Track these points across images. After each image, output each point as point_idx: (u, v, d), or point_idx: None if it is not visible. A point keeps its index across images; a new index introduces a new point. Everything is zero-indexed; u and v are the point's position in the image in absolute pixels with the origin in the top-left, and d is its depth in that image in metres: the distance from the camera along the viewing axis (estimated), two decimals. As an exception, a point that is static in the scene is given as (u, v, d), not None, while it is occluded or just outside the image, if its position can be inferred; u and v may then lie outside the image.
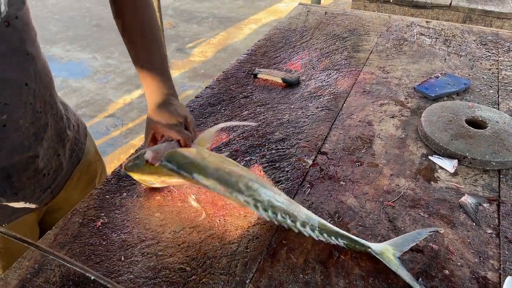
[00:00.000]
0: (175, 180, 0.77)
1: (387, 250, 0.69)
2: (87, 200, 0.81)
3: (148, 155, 0.77)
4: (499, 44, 1.46)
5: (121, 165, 0.90)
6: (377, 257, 0.68)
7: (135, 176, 0.80)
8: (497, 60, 1.35)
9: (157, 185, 0.82)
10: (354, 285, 0.66)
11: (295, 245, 0.72)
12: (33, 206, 0.85)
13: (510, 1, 2.18)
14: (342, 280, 0.67)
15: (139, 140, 2.96)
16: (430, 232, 0.73)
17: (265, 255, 0.71)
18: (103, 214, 0.78)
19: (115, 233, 0.74)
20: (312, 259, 0.70)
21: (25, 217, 0.87)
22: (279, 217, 0.70)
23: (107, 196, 0.82)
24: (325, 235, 0.70)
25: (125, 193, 0.83)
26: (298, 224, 0.70)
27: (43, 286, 0.65)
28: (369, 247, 0.69)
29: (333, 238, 0.70)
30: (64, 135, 0.89)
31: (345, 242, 0.70)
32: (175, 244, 0.73)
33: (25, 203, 0.83)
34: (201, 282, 0.66)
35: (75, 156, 0.95)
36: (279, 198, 0.72)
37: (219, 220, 0.77)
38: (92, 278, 0.61)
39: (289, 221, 0.70)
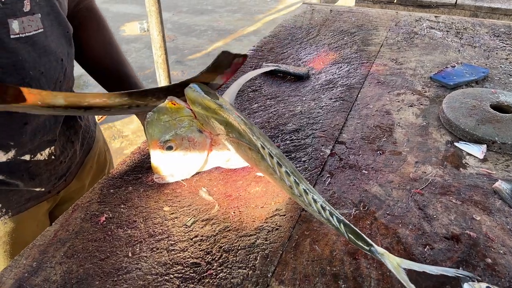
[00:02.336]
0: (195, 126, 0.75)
1: (392, 257, 0.57)
2: (89, 195, 0.75)
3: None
4: (513, 35, 1.42)
5: (124, 160, 0.84)
6: (378, 257, 0.57)
7: (153, 126, 0.75)
8: (513, 50, 1.30)
9: (169, 179, 0.76)
10: (387, 276, 0.59)
11: (319, 236, 0.66)
12: (47, 191, 0.84)
13: (516, -1, 2.15)
14: (374, 271, 0.60)
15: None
16: (460, 274, 0.56)
17: (287, 247, 0.64)
18: (107, 209, 0.72)
19: (121, 228, 0.68)
20: (338, 250, 0.63)
21: (39, 206, 0.85)
22: (283, 168, 0.64)
23: (111, 191, 0.76)
24: (327, 212, 0.60)
25: (130, 187, 0.77)
26: (302, 187, 0.63)
27: (42, 285, 0.58)
28: (372, 245, 0.58)
29: (334, 219, 0.60)
30: (75, 123, 0.87)
31: (347, 230, 0.59)
32: (187, 238, 0.66)
33: (41, 189, 0.81)
34: (217, 277, 0.59)
35: (86, 144, 0.93)
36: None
37: (234, 212, 0.71)
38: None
39: (292, 178, 0.63)
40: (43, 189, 0.83)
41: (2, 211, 0.79)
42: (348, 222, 0.60)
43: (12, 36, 0.66)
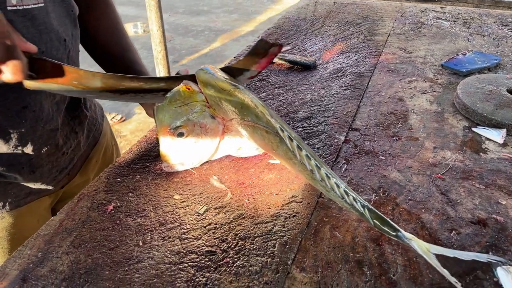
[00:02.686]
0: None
1: (421, 242, 0.54)
2: (95, 183, 0.71)
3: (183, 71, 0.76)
4: (521, 24, 1.39)
5: (131, 149, 0.81)
6: (406, 242, 0.54)
7: (164, 111, 0.71)
8: (523, 39, 1.28)
9: (179, 167, 0.73)
10: (414, 262, 0.56)
11: (339, 222, 0.63)
12: (49, 187, 0.80)
13: (519, -9, 2.12)
14: (400, 257, 0.57)
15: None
16: (492, 259, 0.54)
17: (306, 233, 0.61)
18: (114, 198, 0.68)
19: (130, 217, 0.64)
20: (361, 237, 0.60)
21: (40, 200, 0.81)
22: (303, 152, 0.61)
23: (118, 179, 0.72)
24: (350, 197, 0.58)
25: (138, 176, 0.73)
26: (323, 171, 0.60)
27: (48, 276, 0.55)
28: (399, 230, 0.55)
29: (358, 204, 0.57)
30: (81, 112, 0.83)
31: (372, 215, 0.56)
32: (201, 226, 0.63)
33: (41, 184, 0.76)
34: (235, 265, 0.56)
35: (92, 137, 0.89)
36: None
37: (248, 200, 0.67)
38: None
39: (313, 162, 0.60)
40: (44, 183, 0.79)
41: None
42: (372, 208, 0.57)
43: (8, 8, 0.62)
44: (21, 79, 0.56)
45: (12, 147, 0.71)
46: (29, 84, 0.64)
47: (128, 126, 3.25)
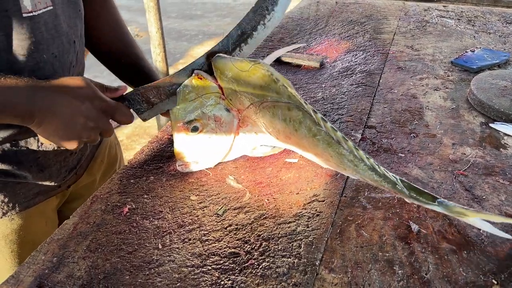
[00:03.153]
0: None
1: (467, 210, 0.53)
2: (108, 185, 0.69)
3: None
4: (525, 22, 1.39)
5: (142, 149, 0.78)
6: (448, 212, 0.54)
7: (178, 104, 0.70)
8: (528, 36, 1.27)
9: (193, 166, 0.71)
10: (446, 260, 0.54)
11: (364, 221, 0.61)
12: (57, 187, 0.79)
13: (517, -9, 2.13)
14: (430, 255, 0.55)
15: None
16: None
17: (331, 233, 0.59)
18: (129, 200, 0.66)
19: (146, 220, 0.62)
20: (388, 235, 0.58)
21: (48, 201, 0.79)
22: (328, 124, 0.60)
23: (131, 181, 0.70)
24: (382, 168, 0.57)
25: (152, 177, 0.71)
26: (350, 143, 0.59)
27: (66, 281, 0.52)
28: (438, 198, 0.54)
29: (390, 174, 0.56)
30: None
31: (405, 185, 0.56)
32: (221, 228, 0.60)
33: (50, 183, 0.76)
34: (260, 266, 0.54)
35: None
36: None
37: (268, 199, 0.65)
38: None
39: (339, 134, 0.60)
40: (52, 183, 0.77)
41: (8, 206, 0.72)
42: (404, 179, 0.55)
43: (24, 15, 0.60)
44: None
45: (11, 134, 0.69)
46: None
47: (124, 131, 3.21)
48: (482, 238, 0.57)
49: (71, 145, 0.63)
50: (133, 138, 3.15)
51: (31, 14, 0.61)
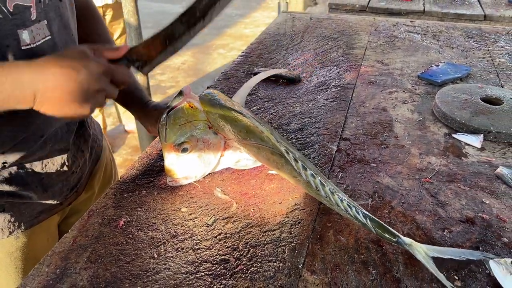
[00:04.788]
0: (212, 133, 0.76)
1: (419, 246, 0.60)
2: (103, 200, 0.73)
3: (186, 89, 0.77)
4: (485, 37, 1.50)
5: (133, 165, 0.83)
6: (406, 247, 0.60)
7: (168, 128, 0.75)
8: (488, 50, 1.38)
9: (183, 181, 0.76)
10: (414, 260, 0.61)
11: (341, 227, 0.67)
12: (60, 205, 0.83)
13: (478, 4, 2.27)
14: (400, 256, 0.62)
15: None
16: (486, 257, 0.59)
17: (312, 238, 0.65)
18: (124, 213, 0.70)
19: (141, 231, 0.67)
20: (363, 239, 0.65)
21: (51, 219, 0.83)
22: (308, 171, 0.65)
23: (125, 195, 0.74)
24: (353, 209, 0.63)
25: (144, 191, 0.75)
26: (328, 188, 0.64)
27: (70, 291, 0.56)
28: (399, 236, 0.60)
29: (361, 215, 0.62)
30: (85, 131, 0.85)
31: (373, 224, 0.61)
32: (211, 237, 0.66)
33: (53, 201, 0.80)
34: (249, 271, 0.59)
35: (95, 154, 0.90)
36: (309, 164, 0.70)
37: (253, 209, 0.71)
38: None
39: (318, 180, 0.65)
40: (55, 201, 0.81)
41: (15, 225, 0.75)
42: (373, 217, 0.62)
43: (23, 48, 0.64)
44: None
45: (15, 161, 0.72)
46: None
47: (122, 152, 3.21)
48: (445, 240, 0.65)
49: (80, 112, 0.63)
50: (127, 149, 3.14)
51: (29, 46, 0.65)
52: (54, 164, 0.78)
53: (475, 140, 0.86)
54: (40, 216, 0.79)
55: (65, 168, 0.80)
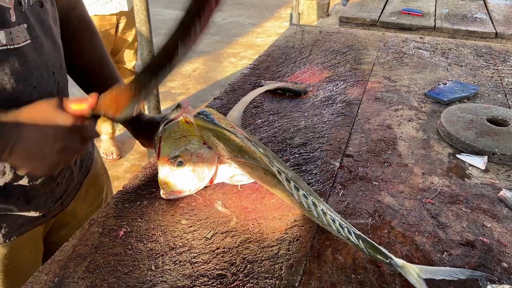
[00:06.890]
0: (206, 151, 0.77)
1: (412, 268, 0.60)
2: (104, 209, 0.74)
3: (184, 103, 0.78)
4: (494, 55, 1.49)
5: (136, 175, 0.84)
6: (398, 269, 0.59)
7: (164, 142, 0.75)
8: (497, 69, 1.37)
9: (176, 194, 0.76)
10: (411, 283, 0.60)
11: (340, 246, 0.67)
12: (43, 217, 0.80)
13: (490, 22, 2.26)
14: (398, 278, 0.61)
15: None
16: (475, 275, 0.60)
17: (310, 256, 0.65)
18: (124, 223, 0.71)
19: (140, 242, 0.67)
20: (361, 259, 0.64)
21: (33, 231, 0.80)
22: (300, 192, 0.66)
23: (126, 205, 0.75)
24: (345, 230, 0.62)
25: (145, 201, 0.76)
26: (320, 208, 0.65)
27: (67, 300, 0.57)
28: (391, 258, 0.60)
29: (353, 236, 0.62)
30: None
31: (366, 245, 0.61)
32: (209, 250, 0.66)
33: (36, 213, 0.76)
34: (245, 287, 0.59)
35: (85, 167, 0.89)
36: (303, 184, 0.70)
37: (253, 224, 0.71)
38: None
39: (310, 200, 0.65)
40: (37, 213, 0.79)
41: None
42: (366, 237, 0.62)
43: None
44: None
45: (9, 180, 0.72)
46: None
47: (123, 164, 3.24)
48: (444, 263, 0.64)
49: (46, 170, 0.65)
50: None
51: (6, 47, 0.64)
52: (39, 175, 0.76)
53: (479, 162, 0.86)
54: (22, 228, 0.78)
55: (50, 179, 0.79)
